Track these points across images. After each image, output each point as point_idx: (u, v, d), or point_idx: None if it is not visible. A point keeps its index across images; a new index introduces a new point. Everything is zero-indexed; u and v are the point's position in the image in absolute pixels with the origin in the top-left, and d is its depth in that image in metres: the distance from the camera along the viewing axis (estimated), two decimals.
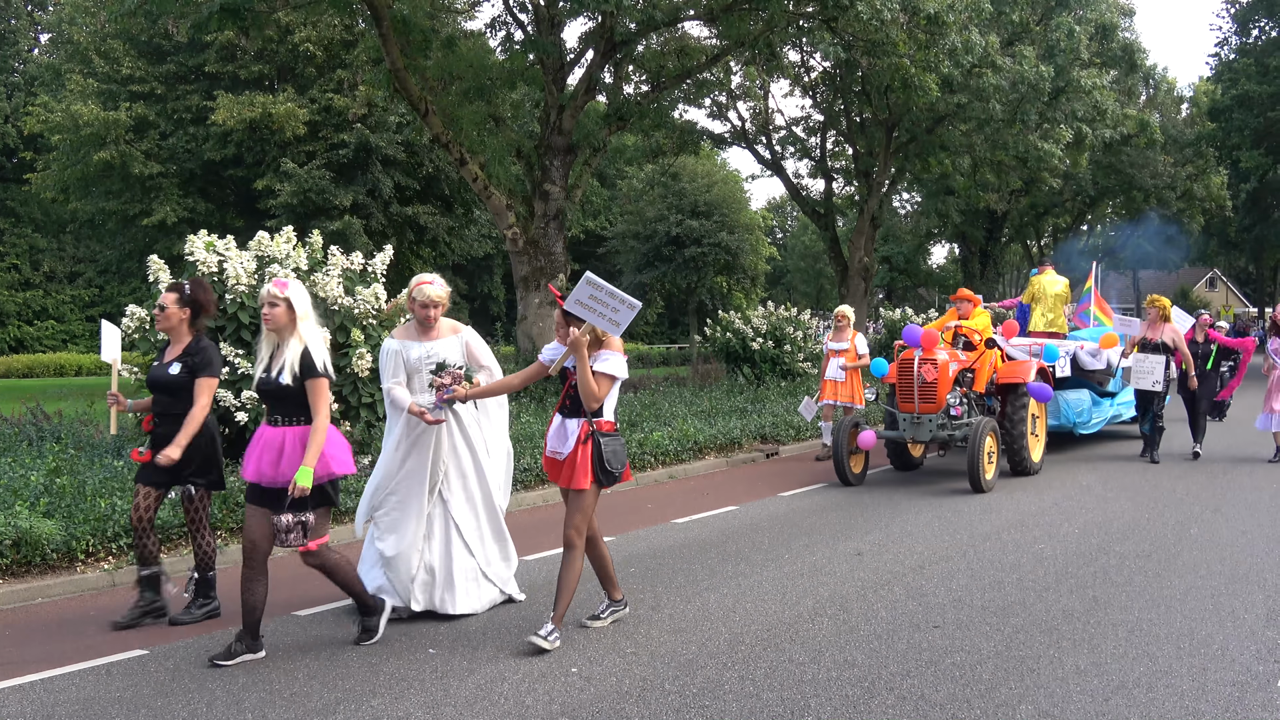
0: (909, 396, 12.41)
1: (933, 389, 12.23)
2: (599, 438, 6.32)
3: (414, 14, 18.45)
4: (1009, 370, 13.41)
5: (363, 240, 33.40)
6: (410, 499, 7.04)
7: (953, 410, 12.26)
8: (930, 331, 12.63)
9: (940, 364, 12.26)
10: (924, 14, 17.77)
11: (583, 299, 6.00)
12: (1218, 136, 41.47)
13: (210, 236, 11.17)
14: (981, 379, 13.07)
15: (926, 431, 12.29)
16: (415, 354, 7.08)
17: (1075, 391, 15.49)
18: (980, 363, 13.10)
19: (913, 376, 12.36)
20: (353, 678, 5.90)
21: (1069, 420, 15.27)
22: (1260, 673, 5.81)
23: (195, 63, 36.45)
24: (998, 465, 12.30)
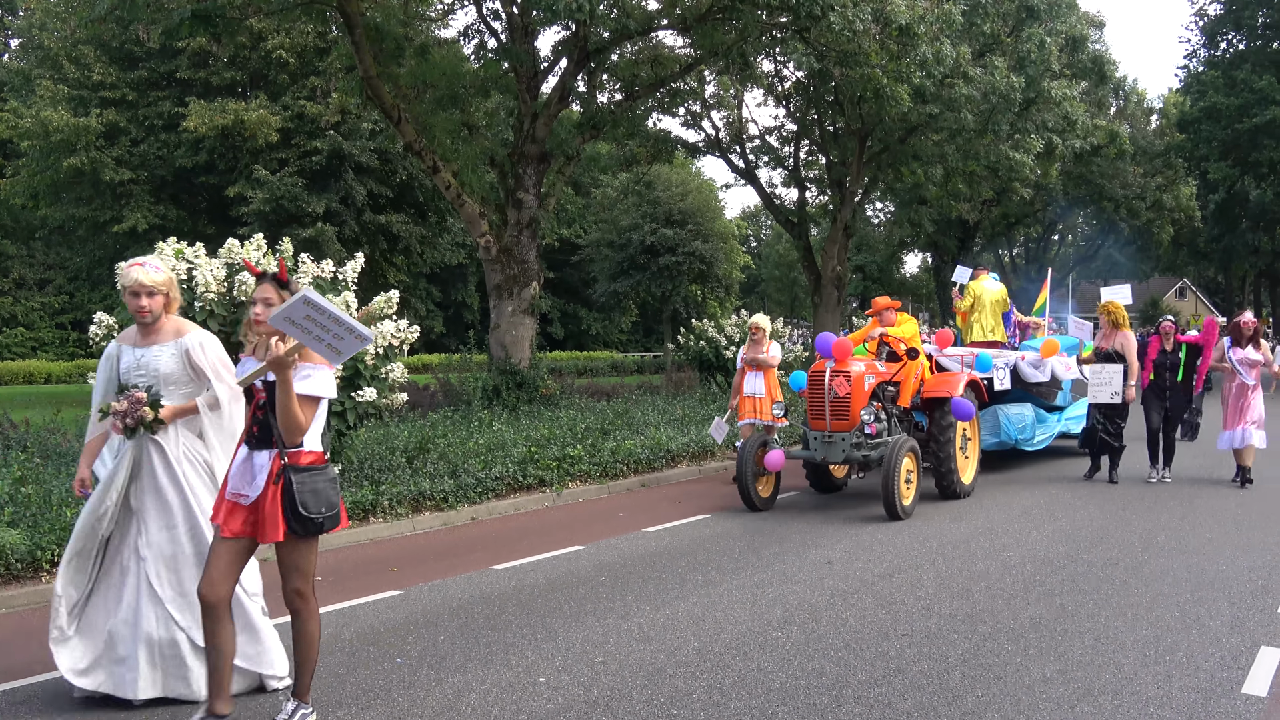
0: (820, 412, 11.25)
1: (845, 404, 11.09)
2: (291, 475, 4.91)
3: (387, 21, 18.40)
4: (936, 383, 12.36)
5: (335, 248, 33.33)
6: (90, 555, 5.64)
7: (867, 428, 11.08)
8: (843, 341, 11.46)
9: (854, 376, 11.14)
10: (896, 25, 17.85)
11: (295, 318, 4.57)
12: (1186, 148, 41.88)
13: (180, 244, 11.10)
14: (907, 392, 12.12)
15: (839, 451, 11.17)
16: (126, 362, 5.65)
17: (1018, 405, 14.47)
18: (905, 375, 12.13)
19: (823, 390, 11.22)
20: (318, 689, 5.86)
21: (1010, 437, 14.18)
22: (1225, 679, 5.86)
23: (167, 69, 36.30)
24: (918, 489, 11.15)
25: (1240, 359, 12.99)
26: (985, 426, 13.84)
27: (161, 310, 5.62)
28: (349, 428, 10.99)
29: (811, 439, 11.42)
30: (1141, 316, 73.20)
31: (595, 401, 20.21)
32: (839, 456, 11.22)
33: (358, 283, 11.49)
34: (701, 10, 18.48)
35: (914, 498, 11.00)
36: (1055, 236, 58.91)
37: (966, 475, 12.31)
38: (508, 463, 12.32)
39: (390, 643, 6.69)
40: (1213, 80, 39.13)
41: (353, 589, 8.13)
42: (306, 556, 5.14)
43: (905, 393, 12.10)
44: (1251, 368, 12.93)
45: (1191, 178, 46.32)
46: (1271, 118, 35.44)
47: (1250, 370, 12.94)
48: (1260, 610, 7.25)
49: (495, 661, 6.25)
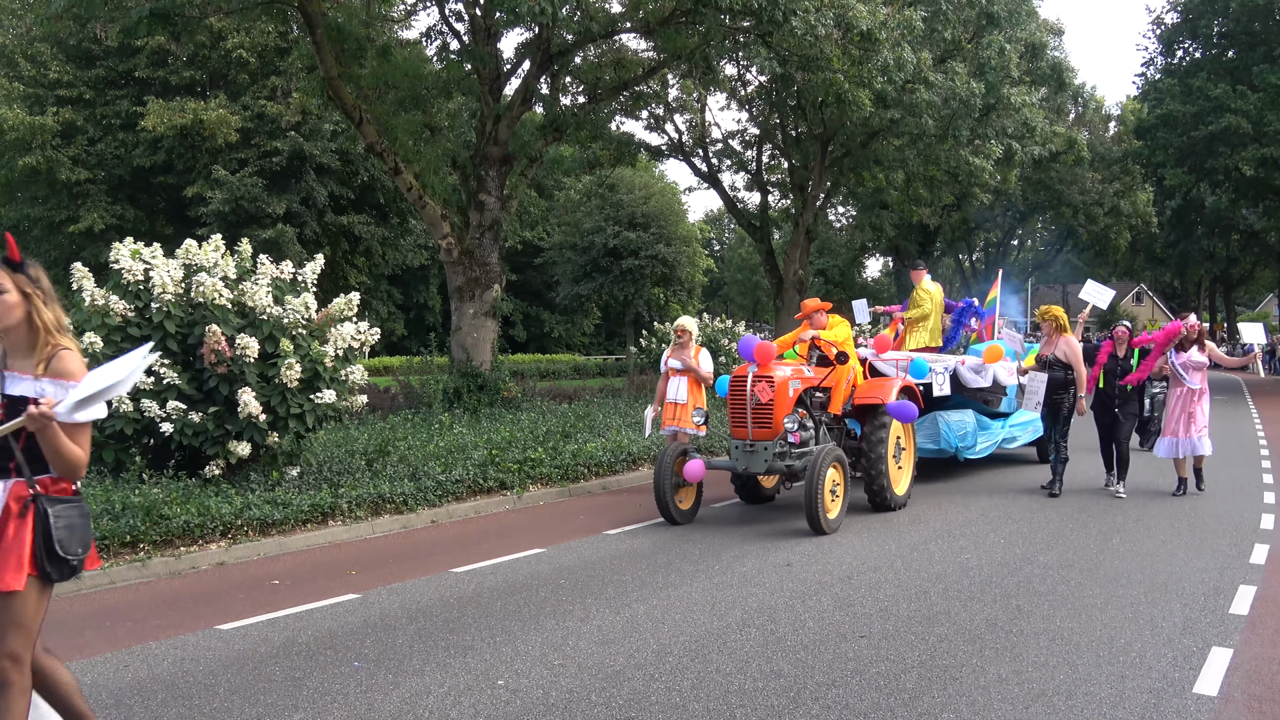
0: (741, 420, 10.61)
1: (768, 411, 10.46)
2: (45, 506, 4.08)
3: (349, 22, 18.30)
4: (868, 389, 11.78)
5: (296, 249, 33.12)
6: None
7: (791, 436, 10.46)
8: (766, 344, 10.90)
9: (778, 382, 10.50)
10: (857, 30, 17.94)
11: (83, 404, 4.02)
12: (1144, 154, 42.37)
13: (137, 244, 11.00)
14: (838, 399, 11.47)
15: (761, 461, 10.50)
16: None
17: (958, 412, 13.95)
18: (835, 380, 11.46)
19: (745, 397, 10.59)
20: (275, 693, 5.82)
21: (950, 444, 13.52)
22: (1177, 679, 5.93)
23: (125, 68, 35.94)
24: (846, 501, 10.53)
25: (1183, 362, 12.40)
26: (924, 434, 13.34)
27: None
28: (308, 430, 10.93)
29: (733, 448, 10.80)
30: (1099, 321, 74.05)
31: (557, 404, 20.18)
32: (761, 467, 10.56)
33: (318, 284, 11.44)
34: (664, 14, 18.50)
35: (840, 510, 10.42)
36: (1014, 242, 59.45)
37: (900, 486, 11.73)
38: (468, 465, 12.28)
39: (348, 646, 6.65)
40: (1169, 88, 39.61)
41: (310, 592, 8.07)
42: (36, 610, 4.11)
43: (836, 399, 11.47)
44: (1196, 371, 12.38)
45: (1148, 184, 46.89)
46: (1227, 125, 35.91)
47: (1194, 374, 12.38)
48: (1212, 611, 7.35)
49: (453, 664, 6.23)
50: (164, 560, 8.89)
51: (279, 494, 10.30)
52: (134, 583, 8.56)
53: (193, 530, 9.28)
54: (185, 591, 8.26)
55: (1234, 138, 36.60)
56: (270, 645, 6.70)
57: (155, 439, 10.47)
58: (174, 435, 10.16)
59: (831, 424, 11.51)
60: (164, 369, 10.19)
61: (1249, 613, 7.34)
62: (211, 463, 10.46)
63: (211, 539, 9.42)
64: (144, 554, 8.91)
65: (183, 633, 7.01)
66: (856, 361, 11.87)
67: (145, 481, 9.99)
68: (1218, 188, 44.87)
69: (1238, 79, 37.72)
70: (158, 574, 8.79)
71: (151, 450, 10.62)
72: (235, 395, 10.21)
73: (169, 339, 10.40)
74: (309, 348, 10.75)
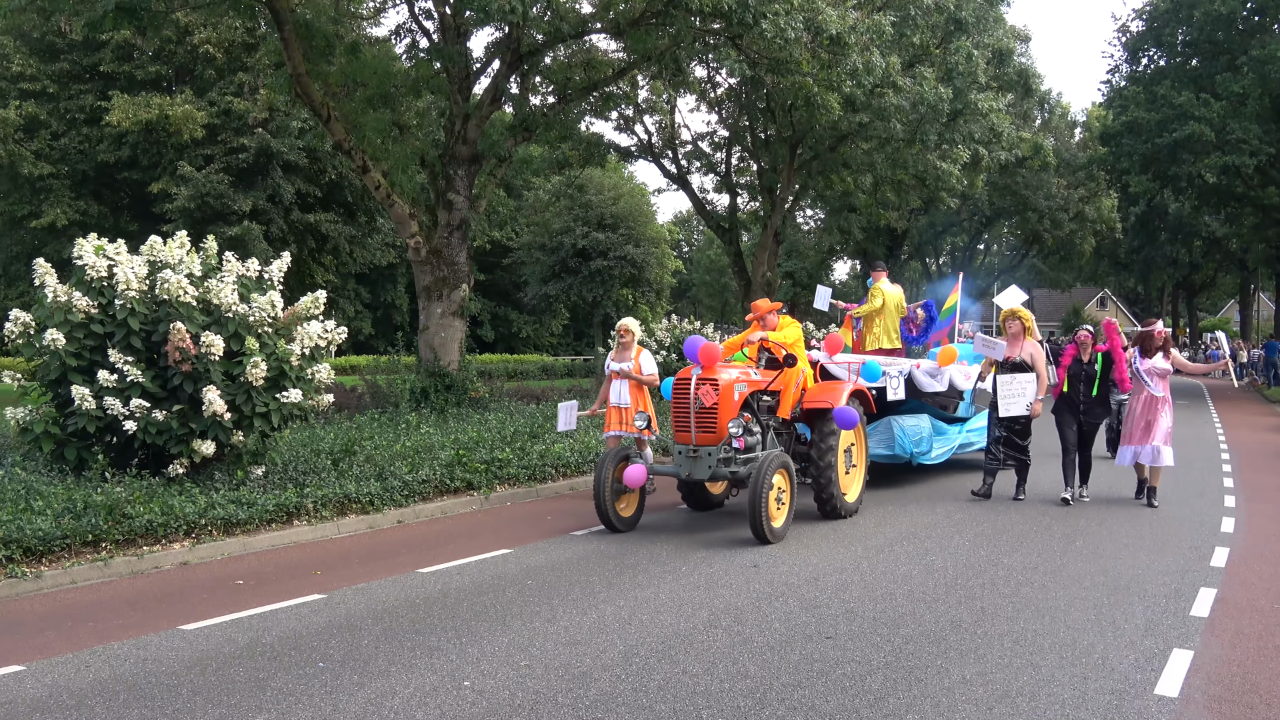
0: (685, 424, 10.21)
1: (712, 415, 10.07)
2: None
3: (317, 19, 18.18)
4: (818, 393, 11.34)
5: (262, 247, 32.87)
6: None
7: (736, 441, 10.01)
8: (711, 346, 10.38)
9: (723, 385, 10.11)
10: (827, 34, 18.00)
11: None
12: (1108, 161, 42.76)
13: (101, 240, 10.88)
14: (787, 403, 11.07)
15: (705, 467, 10.16)
16: None
17: (913, 417, 13.71)
18: (784, 383, 11.06)
19: (689, 400, 10.19)
20: (239, 693, 5.78)
21: (905, 450, 13.34)
22: (1139, 681, 5.99)
23: (90, 62, 35.57)
24: (792, 508, 10.21)
25: (1148, 369, 12.14)
26: (878, 439, 13.13)
27: None
28: (273, 429, 10.86)
29: (676, 453, 10.41)
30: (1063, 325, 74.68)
31: (525, 405, 20.13)
32: (705, 473, 10.22)
33: (284, 282, 11.36)
34: (635, 15, 18.49)
35: (786, 518, 10.09)
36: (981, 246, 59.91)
37: (851, 493, 11.45)
38: (435, 465, 12.23)
39: (312, 647, 6.61)
40: (1134, 95, 40.00)
41: (275, 592, 8.02)
42: None
43: (785, 403, 11.07)
44: (1160, 378, 12.13)
45: (1113, 190, 47.35)
46: (1190, 133, 36.30)
47: (1159, 381, 12.12)
48: (1173, 613, 7.43)
49: (419, 665, 6.21)
50: (126, 560, 8.81)
51: (243, 493, 10.22)
52: (95, 582, 8.48)
53: (156, 530, 9.19)
54: (148, 591, 8.19)
55: (1197, 145, 37.01)
56: (234, 646, 6.65)
57: (118, 437, 10.36)
58: (137, 433, 10.06)
59: (780, 429, 11.17)
60: (128, 366, 10.09)
61: (1209, 615, 7.42)
62: (175, 461, 10.37)
63: (175, 538, 9.34)
64: (106, 553, 8.82)
65: (145, 633, 6.94)
66: (807, 364, 11.52)
67: (108, 480, 9.89)
68: (1181, 194, 45.40)
69: (1201, 87, 38.17)
70: (120, 573, 8.71)
71: (114, 448, 10.52)
72: (200, 393, 10.13)
73: (133, 336, 10.30)
74: (275, 346, 10.68)
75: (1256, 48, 35.93)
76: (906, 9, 24.09)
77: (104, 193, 37.42)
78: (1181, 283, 71.86)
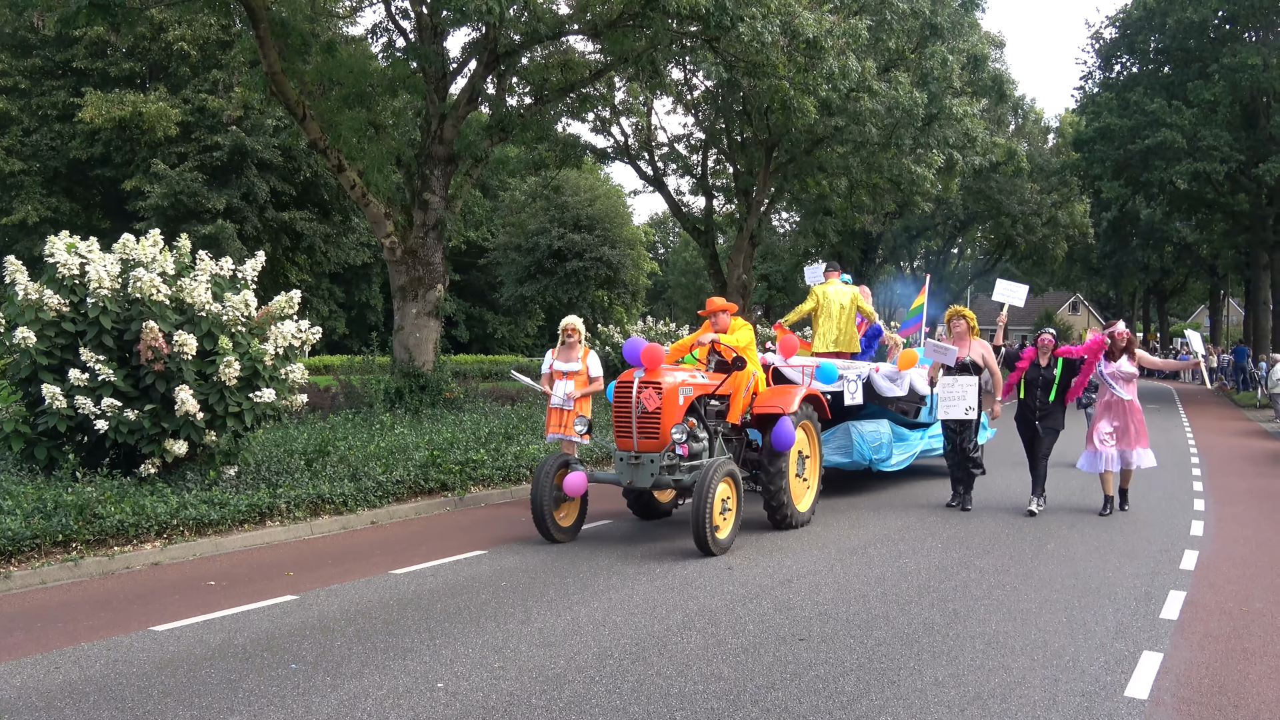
0: (626, 430, 9.74)
1: (655, 420, 9.62)
2: None
3: (293, 17, 18.09)
4: (768, 397, 10.85)
5: (236, 245, 32.69)
6: None
7: (679, 448, 9.69)
8: (655, 347, 9.90)
9: (666, 389, 9.65)
10: (803, 38, 18.06)
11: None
12: (1081, 166, 43.03)
13: (73, 238, 10.80)
14: (736, 407, 10.60)
15: (647, 475, 9.69)
16: None
17: (872, 422, 13.22)
18: (734, 387, 10.61)
19: (630, 404, 9.73)
20: (210, 695, 5.74)
21: (864, 457, 12.81)
22: (1109, 683, 6.04)
23: (63, 58, 35.31)
24: (738, 518, 9.75)
25: (1112, 372, 11.81)
26: (835, 445, 12.77)
27: None
28: (246, 429, 10.80)
29: (617, 460, 9.96)
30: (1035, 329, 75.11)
31: (500, 405, 20.10)
32: (647, 481, 9.72)
33: (258, 282, 11.32)
34: (612, 17, 18.49)
35: (733, 529, 9.65)
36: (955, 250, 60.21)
37: (803, 502, 10.99)
38: (409, 466, 12.20)
39: (285, 648, 6.58)
40: (1107, 102, 40.31)
41: (247, 593, 7.98)
42: None
43: (735, 407, 10.60)
44: (1126, 382, 11.83)
45: (1085, 196, 47.66)
46: (1162, 139, 36.61)
47: (1124, 385, 11.82)
48: (1143, 616, 7.49)
49: (393, 667, 6.19)
50: (97, 560, 8.75)
51: (216, 493, 10.16)
52: (65, 583, 8.41)
53: (127, 530, 9.13)
54: (119, 592, 8.13)
55: (1169, 152, 37.35)
56: (206, 647, 6.61)
57: (89, 436, 10.29)
58: (109, 433, 9.99)
59: (731, 434, 10.76)
60: (99, 365, 10.01)
61: (1179, 618, 7.49)
62: (147, 461, 10.30)
63: (146, 539, 9.28)
64: (76, 553, 8.75)
65: (116, 634, 6.90)
66: (758, 367, 11.06)
67: (79, 480, 9.81)
68: (1152, 200, 45.77)
69: (1173, 94, 38.52)
70: (90, 574, 8.65)
71: (85, 448, 10.44)
72: (172, 393, 10.06)
73: (105, 335, 10.22)
74: (248, 346, 10.62)
75: (1227, 55, 36.30)
76: (882, 14, 24.19)
77: (76, 190, 37.14)
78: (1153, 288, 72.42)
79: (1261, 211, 40.64)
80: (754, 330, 11.83)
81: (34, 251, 20.48)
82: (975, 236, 57.60)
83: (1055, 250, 50.78)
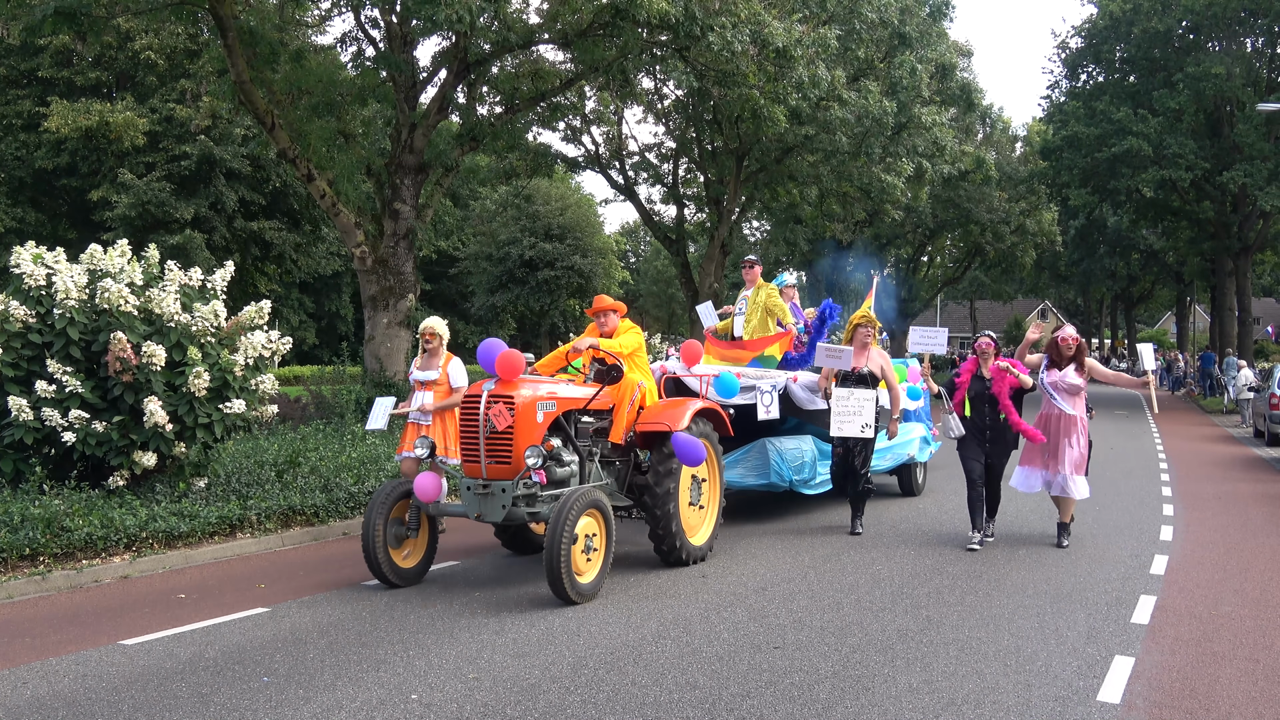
0: (474, 452, 8.17)
1: (506, 441, 8.04)
2: None
3: (261, 26, 18.00)
4: (655, 412, 9.25)
5: (204, 255, 32.49)
6: None
7: (535, 474, 8.03)
8: (512, 354, 8.39)
9: (520, 404, 8.07)
10: (773, 47, 18.15)
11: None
12: (1049, 175, 43.42)
13: (39, 249, 10.69)
14: (620, 425, 9.08)
15: (498, 506, 8.11)
16: None
17: (794, 439, 11.81)
18: (616, 400, 9.15)
19: (478, 422, 8.17)
20: (181, 710, 5.68)
21: (784, 477, 11.32)
22: (1081, 688, 6.07)
23: (28, 66, 35.01)
24: (607, 557, 8.25)
25: (1054, 382, 10.28)
26: (750, 465, 11.35)
27: None
28: (216, 440, 10.70)
29: (464, 489, 8.32)
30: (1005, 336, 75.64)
31: None
32: (497, 513, 8.15)
33: (227, 292, 11.23)
34: (582, 26, 18.52)
35: (600, 571, 8.17)
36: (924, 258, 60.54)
37: (699, 534, 9.53)
38: (381, 477, 12.13)
39: (257, 661, 6.52)
40: (1074, 110, 40.70)
41: (218, 606, 7.91)
42: None
43: (618, 424, 9.11)
44: (1070, 395, 10.27)
45: (1053, 204, 48.07)
46: (1129, 147, 37.00)
47: (1070, 398, 10.26)
48: (1115, 621, 7.54)
49: (366, 679, 6.15)
50: (65, 573, 8.65)
51: (185, 505, 10.08)
52: (33, 596, 8.32)
53: (95, 543, 9.04)
54: (87, 606, 8.04)
55: (1135, 160, 37.76)
56: (176, 661, 6.54)
57: (56, 448, 10.17)
58: (76, 445, 9.87)
59: (615, 457, 9.33)
60: (67, 377, 9.90)
61: (1149, 622, 7.55)
62: (116, 473, 10.19)
63: (115, 551, 9.18)
64: (44, 567, 8.66)
65: (84, 648, 6.82)
66: (647, 377, 9.62)
67: (46, 492, 9.69)
68: (1119, 208, 46.26)
69: (1139, 103, 38.95)
70: (58, 587, 8.55)
71: (53, 460, 10.32)
72: (141, 404, 9.97)
73: (72, 346, 10.11)
74: (218, 356, 10.54)
75: (1192, 65, 36.77)
76: (851, 23, 24.36)
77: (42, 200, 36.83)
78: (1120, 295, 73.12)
79: (1226, 218, 41.14)
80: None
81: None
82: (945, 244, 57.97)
83: (1024, 258, 51.21)
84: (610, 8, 16.66)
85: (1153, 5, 38.34)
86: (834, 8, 23.18)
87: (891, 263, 59.39)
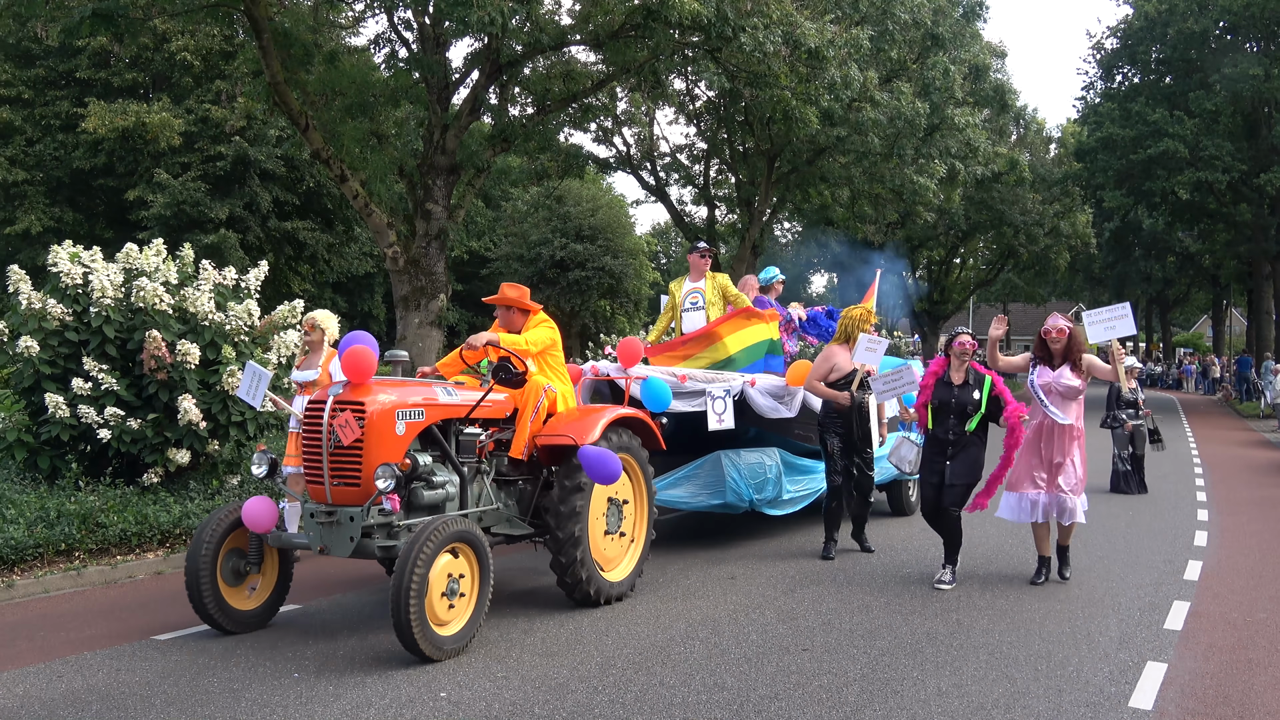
0: (317, 472, 6.72)
1: (354, 458, 6.59)
2: None
3: (295, 27, 18.14)
4: (560, 423, 7.76)
5: (238, 255, 32.70)
6: None
7: (387, 500, 6.56)
8: (363, 350, 6.83)
9: (372, 413, 6.58)
10: (805, 48, 18.09)
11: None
12: (1083, 176, 43.04)
13: (76, 247, 10.82)
14: (522, 437, 7.60)
15: (345, 538, 6.61)
16: None
17: (755, 452, 10.18)
18: (520, 407, 7.70)
19: (320, 436, 6.72)
20: (213, 704, 5.74)
21: (743, 496, 9.77)
22: (1113, 694, 6.02)
23: (66, 68, 35.36)
24: (482, 602, 6.70)
25: (1045, 384, 8.49)
26: (703, 481, 9.84)
27: None
28: (249, 438, 10.80)
29: (307, 516, 6.89)
30: None
31: None
32: (345, 547, 6.63)
33: (261, 291, 11.32)
34: (614, 27, 18.53)
35: (470, 619, 6.63)
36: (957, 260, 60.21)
37: (618, 568, 8.11)
38: None
39: (288, 657, 6.57)
40: (1109, 112, 40.33)
41: None
42: None
43: (520, 437, 7.63)
44: (1065, 399, 8.47)
45: (1088, 206, 47.66)
46: (1164, 149, 36.64)
47: (1061, 403, 8.46)
48: (1147, 626, 7.47)
49: (396, 676, 6.18)
50: (100, 569, 8.75)
51: (218, 502, 10.16)
52: (69, 591, 8.42)
53: (130, 539, 9.14)
54: (121, 601, 8.13)
55: (1171, 162, 37.37)
56: (208, 656, 6.60)
57: (92, 446, 10.29)
58: (112, 442, 9.98)
59: (518, 475, 7.89)
60: (102, 375, 10.01)
61: (1183, 628, 7.47)
62: (150, 470, 10.29)
63: (149, 548, 9.29)
64: (79, 562, 8.76)
65: (118, 643, 6.89)
66: (561, 379, 8.18)
67: (81, 489, 9.80)
68: (1155, 210, 45.75)
69: (1174, 104, 38.54)
70: (93, 583, 8.65)
71: (88, 457, 10.44)
72: (175, 402, 10.07)
73: (108, 344, 10.23)
74: (251, 355, 10.63)
75: (1228, 66, 36.32)
76: (884, 24, 24.24)
77: (79, 200, 37.16)
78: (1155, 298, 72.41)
79: (1263, 221, 40.63)
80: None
81: (37, 261, 20.50)
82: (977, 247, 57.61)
83: (1058, 260, 50.78)
84: (642, 9, 16.66)
85: (1189, 6, 37.92)
86: (866, 8, 23.09)
87: (923, 265, 59.13)
